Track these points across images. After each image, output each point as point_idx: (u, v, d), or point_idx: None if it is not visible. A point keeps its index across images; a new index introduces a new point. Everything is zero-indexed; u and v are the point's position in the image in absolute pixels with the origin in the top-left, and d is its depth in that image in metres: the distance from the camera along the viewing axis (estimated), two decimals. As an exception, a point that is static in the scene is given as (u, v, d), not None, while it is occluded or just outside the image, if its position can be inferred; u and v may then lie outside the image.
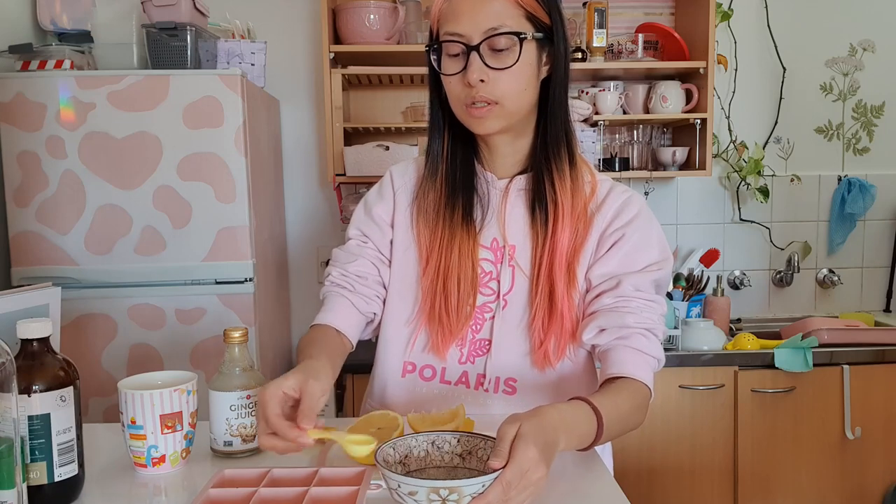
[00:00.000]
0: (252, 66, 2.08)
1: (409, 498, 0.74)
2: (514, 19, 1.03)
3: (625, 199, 1.13)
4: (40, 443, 0.83)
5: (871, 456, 2.25)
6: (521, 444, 0.76)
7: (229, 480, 0.87)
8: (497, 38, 1.02)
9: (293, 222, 2.62)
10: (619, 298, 1.07)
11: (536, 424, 0.79)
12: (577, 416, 0.90)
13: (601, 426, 0.91)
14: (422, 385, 1.16)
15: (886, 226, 2.75)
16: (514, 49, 1.03)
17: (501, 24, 1.02)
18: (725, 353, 2.21)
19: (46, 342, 0.86)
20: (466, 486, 0.73)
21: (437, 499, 0.73)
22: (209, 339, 1.94)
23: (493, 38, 1.02)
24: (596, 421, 0.91)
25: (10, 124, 1.87)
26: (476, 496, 0.73)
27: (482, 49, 1.02)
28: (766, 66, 2.66)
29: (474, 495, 0.73)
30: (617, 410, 0.95)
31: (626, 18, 2.60)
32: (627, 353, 1.05)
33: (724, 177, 2.69)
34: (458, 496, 0.73)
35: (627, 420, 1.00)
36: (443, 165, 1.14)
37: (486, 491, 0.73)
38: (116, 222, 1.90)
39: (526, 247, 1.12)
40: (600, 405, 0.92)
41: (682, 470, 2.23)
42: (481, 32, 1.02)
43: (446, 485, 0.72)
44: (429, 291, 1.13)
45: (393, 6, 2.30)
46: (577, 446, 0.90)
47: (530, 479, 0.75)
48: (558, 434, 0.83)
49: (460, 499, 0.73)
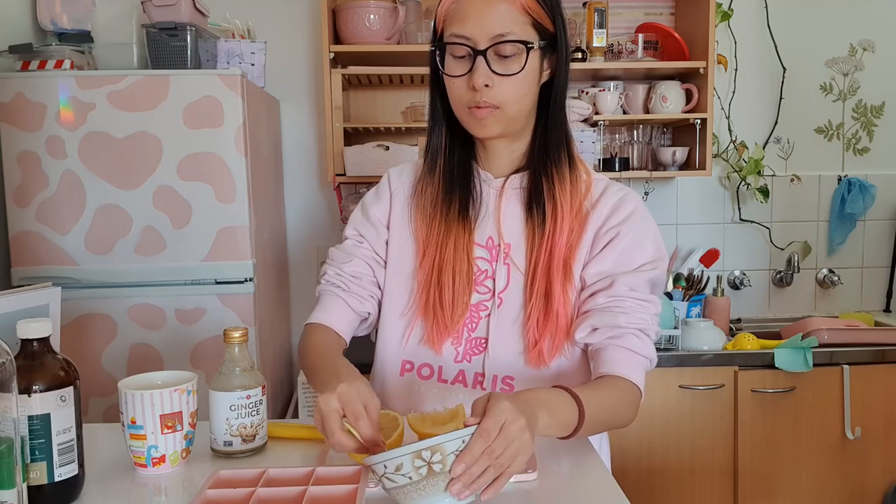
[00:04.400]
0: (252, 66, 2.08)
1: (398, 475, 0.74)
2: (521, 26, 1.04)
3: (620, 198, 1.13)
4: (40, 443, 0.83)
5: (871, 456, 2.25)
6: (492, 399, 0.79)
7: (225, 481, 0.87)
8: (504, 45, 1.03)
9: (293, 222, 2.62)
10: (612, 298, 1.07)
11: (513, 397, 0.82)
12: (556, 398, 0.91)
13: (582, 413, 0.92)
14: (419, 384, 1.16)
15: (886, 226, 2.75)
16: (520, 56, 1.04)
17: (509, 31, 1.02)
18: (725, 353, 2.21)
19: (46, 342, 0.86)
20: (447, 443, 0.74)
21: (422, 463, 0.73)
22: (209, 339, 1.94)
23: (500, 44, 1.03)
24: (577, 407, 0.92)
25: (10, 124, 1.87)
26: (460, 452, 0.74)
27: (489, 54, 1.03)
28: (766, 66, 2.66)
29: (457, 452, 0.74)
30: (600, 402, 0.97)
31: (626, 18, 2.60)
32: (619, 353, 1.05)
33: (724, 177, 2.69)
34: (441, 455, 0.73)
35: (613, 414, 1.01)
36: (441, 161, 1.16)
37: (468, 444, 0.75)
38: (116, 222, 1.90)
39: (522, 245, 1.13)
40: (581, 394, 0.93)
41: (682, 470, 2.23)
42: (489, 38, 1.03)
43: (426, 444, 0.73)
44: (424, 284, 1.14)
45: (393, 6, 2.30)
46: (560, 430, 0.91)
47: (510, 429, 0.77)
48: (535, 409, 0.85)
49: (444, 458, 0.74)
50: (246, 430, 0.99)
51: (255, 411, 1.00)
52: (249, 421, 0.99)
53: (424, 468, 0.74)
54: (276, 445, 1.04)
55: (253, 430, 1.00)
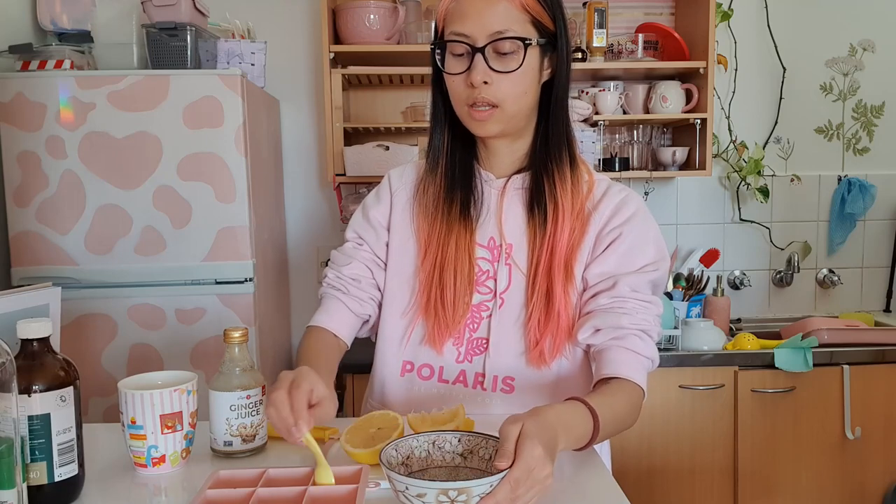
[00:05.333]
0: (252, 66, 2.08)
1: (417, 500, 0.74)
2: (520, 24, 1.04)
3: (622, 198, 1.13)
4: (40, 443, 0.83)
5: (871, 456, 2.25)
6: (527, 443, 0.76)
7: (225, 481, 0.87)
8: (502, 42, 1.03)
9: (293, 222, 2.62)
10: (615, 299, 1.07)
11: (539, 423, 0.80)
12: (575, 416, 0.90)
13: (597, 426, 0.91)
14: (420, 384, 1.16)
15: (886, 226, 2.75)
16: (518, 53, 1.04)
17: (507, 28, 1.03)
18: (725, 353, 2.21)
19: (46, 342, 0.86)
20: (476, 487, 0.73)
21: (445, 500, 0.73)
22: (209, 339, 1.94)
23: (498, 41, 1.03)
24: (592, 421, 0.91)
25: (10, 124, 1.87)
26: (484, 496, 0.74)
27: (487, 52, 1.03)
28: (766, 66, 2.66)
29: (482, 495, 0.74)
30: (612, 411, 0.96)
31: (626, 18, 2.60)
32: (622, 354, 1.05)
33: (724, 177, 2.69)
34: (466, 497, 0.73)
35: (622, 420, 1.00)
36: (443, 161, 1.16)
37: (494, 490, 0.74)
38: (116, 222, 1.90)
39: (523, 245, 1.13)
40: (597, 406, 0.93)
41: (682, 470, 2.23)
42: (487, 35, 1.03)
43: (456, 486, 0.73)
44: (425, 284, 1.14)
45: (393, 6, 2.30)
46: (575, 446, 0.91)
47: (536, 477, 0.76)
48: (557, 433, 0.84)
49: (469, 499, 0.73)
50: (246, 430, 0.99)
51: (255, 411, 1.00)
52: (249, 421, 0.99)
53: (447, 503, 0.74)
54: (276, 445, 1.04)
55: (253, 430, 1.00)
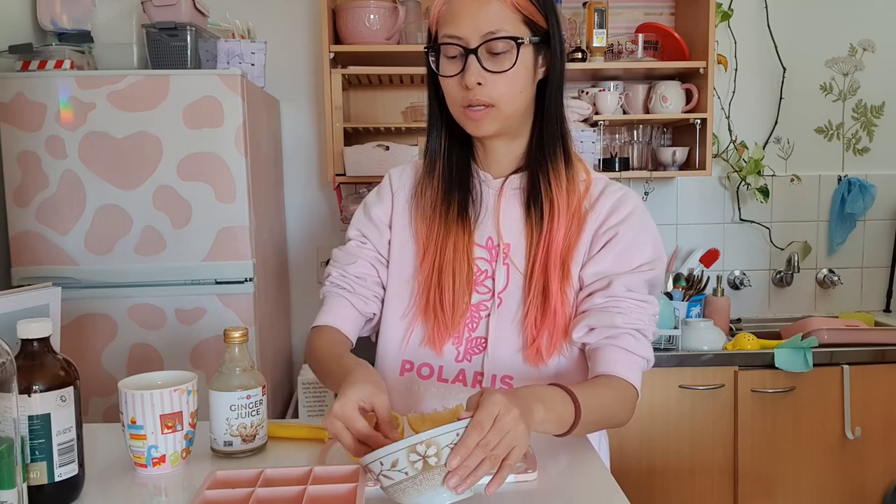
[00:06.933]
0: (252, 66, 2.08)
1: (393, 471, 0.74)
2: (512, 23, 1.04)
3: (619, 198, 1.13)
4: (40, 443, 0.83)
5: (871, 456, 2.25)
6: (485, 393, 0.80)
7: (223, 481, 0.87)
8: (495, 42, 1.03)
9: (293, 222, 2.62)
10: (609, 298, 1.08)
11: (507, 393, 0.83)
12: (552, 394, 0.92)
13: (578, 409, 0.92)
14: (419, 383, 1.17)
15: (886, 226, 2.75)
16: (511, 53, 1.04)
17: (499, 28, 1.03)
18: (725, 353, 2.21)
19: (46, 342, 0.86)
20: (442, 436, 0.74)
21: (417, 458, 0.74)
22: (209, 339, 1.94)
23: (490, 41, 1.03)
24: (572, 403, 0.92)
25: (10, 124, 1.87)
26: (455, 446, 0.75)
27: (480, 52, 1.04)
28: (766, 66, 2.66)
29: (452, 446, 0.74)
30: (597, 400, 0.97)
31: (626, 18, 2.60)
32: (615, 353, 1.06)
33: (724, 177, 2.69)
34: (436, 448, 0.74)
35: (609, 412, 1.01)
36: (440, 163, 1.16)
37: (462, 438, 0.75)
38: (116, 222, 1.90)
39: (521, 245, 1.13)
40: (577, 392, 0.94)
41: (682, 470, 2.23)
42: (479, 36, 1.03)
43: (420, 438, 0.74)
44: (424, 286, 1.14)
45: (393, 6, 2.30)
46: (556, 426, 0.91)
47: (504, 421, 0.77)
48: (531, 402, 0.86)
49: (439, 451, 0.74)
50: (246, 430, 0.99)
51: (255, 411, 1.00)
52: (249, 421, 0.99)
53: (420, 462, 0.74)
54: (276, 445, 1.04)
55: (253, 430, 1.00)
